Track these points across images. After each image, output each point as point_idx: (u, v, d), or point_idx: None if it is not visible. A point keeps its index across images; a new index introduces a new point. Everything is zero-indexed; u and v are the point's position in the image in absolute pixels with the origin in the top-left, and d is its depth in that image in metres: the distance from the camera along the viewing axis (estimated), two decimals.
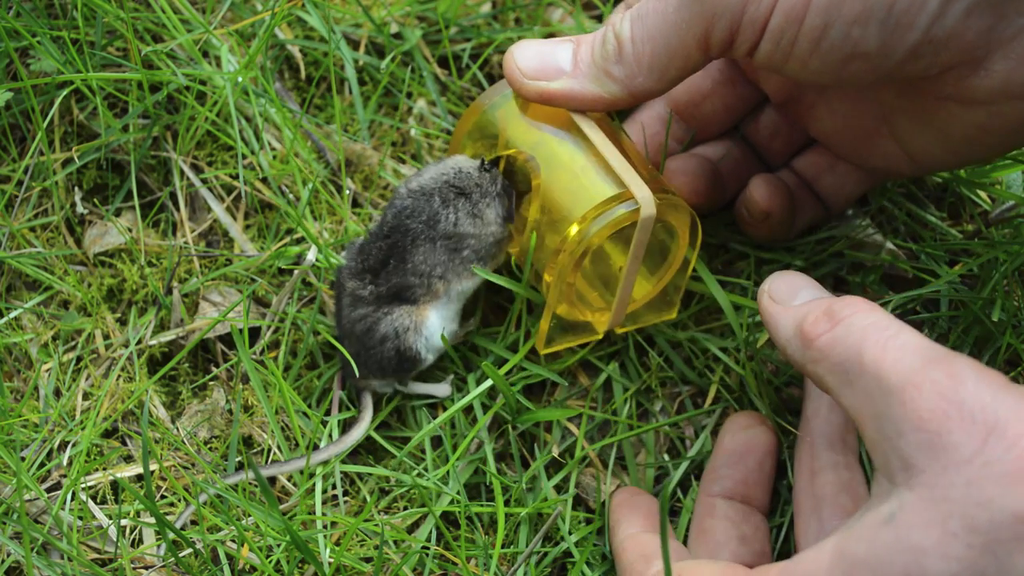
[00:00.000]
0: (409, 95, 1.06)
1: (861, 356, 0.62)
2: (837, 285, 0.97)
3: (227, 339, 0.98)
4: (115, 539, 0.86)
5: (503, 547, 0.87)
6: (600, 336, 0.88)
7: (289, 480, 0.92)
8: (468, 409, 0.94)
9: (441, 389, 0.94)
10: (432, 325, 0.91)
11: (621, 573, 0.79)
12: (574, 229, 0.80)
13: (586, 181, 0.82)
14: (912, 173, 0.86)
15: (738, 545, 0.81)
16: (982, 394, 0.57)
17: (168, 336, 0.97)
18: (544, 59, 0.80)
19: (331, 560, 0.85)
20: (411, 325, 0.90)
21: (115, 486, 0.91)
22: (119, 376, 0.96)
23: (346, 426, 0.95)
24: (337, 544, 0.88)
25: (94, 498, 0.91)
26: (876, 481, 0.62)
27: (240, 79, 0.97)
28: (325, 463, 0.90)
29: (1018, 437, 0.55)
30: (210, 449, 0.94)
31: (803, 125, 0.90)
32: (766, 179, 0.90)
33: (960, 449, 0.56)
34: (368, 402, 0.92)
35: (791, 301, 0.72)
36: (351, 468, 0.91)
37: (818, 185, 0.93)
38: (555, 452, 0.90)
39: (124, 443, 0.94)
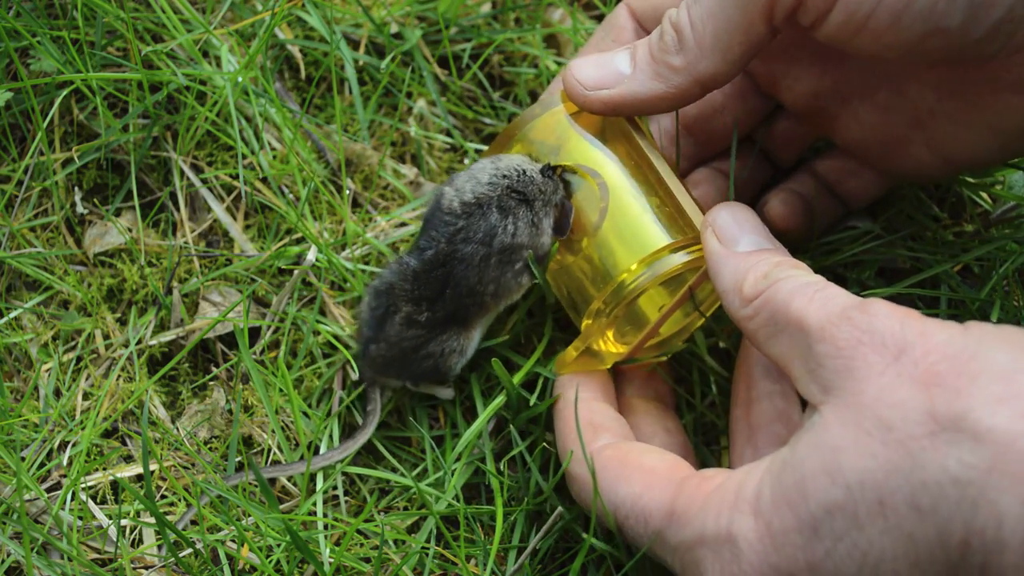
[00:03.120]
0: (409, 95, 1.06)
1: (788, 308, 0.66)
2: (837, 281, 0.96)
3: (227, 339, 0.98)
4: (115, 539, 0.86)
5: (503, 545, 0.87)
6: (607, 367, 0.87)
7: (289, 480, 0.92)
8: (469, 409, 0.94)
9: (445, 392, 0.94)
10: (475, 343, 0.91)
11: (561, 440, 0.81)
12: (632, 272, 0.79)
13: (646, 221, 0.81)
14: (944, 175, 0.86)
15: (665, 436, 0.83)
16: (892, 324, 0.61)
17: (168, 336, 0.97)
18: (603, 68, 0.79)
19: (331, 560, 0.85)
20: (458, 347, 0.89)
21: (115, 486, 0.91)
22: (119, 376, 0.96)
23: (347, 428, 0.95)
24: (337, 544, 0.88)
25: (94, 498, 0.91)
26: (806, 414, 0.65)
27: (240, 79, 0.97)
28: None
29: (926, 353, 0.59)
30: (210, 449, 0.94)
31: (826, 135, 0.89)
32: (783, 198, 0.89)
33: (873, 366, 0.60)
34: (377, 399, 0.92)
35: (735, 244, 0.73)
36: (352, 469, 0.91)
37: (840, 188, 0.92)
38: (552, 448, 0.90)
39: (124, 443, 0.94)
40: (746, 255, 0.72)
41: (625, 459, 0.74)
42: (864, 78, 0.82)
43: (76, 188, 1.01)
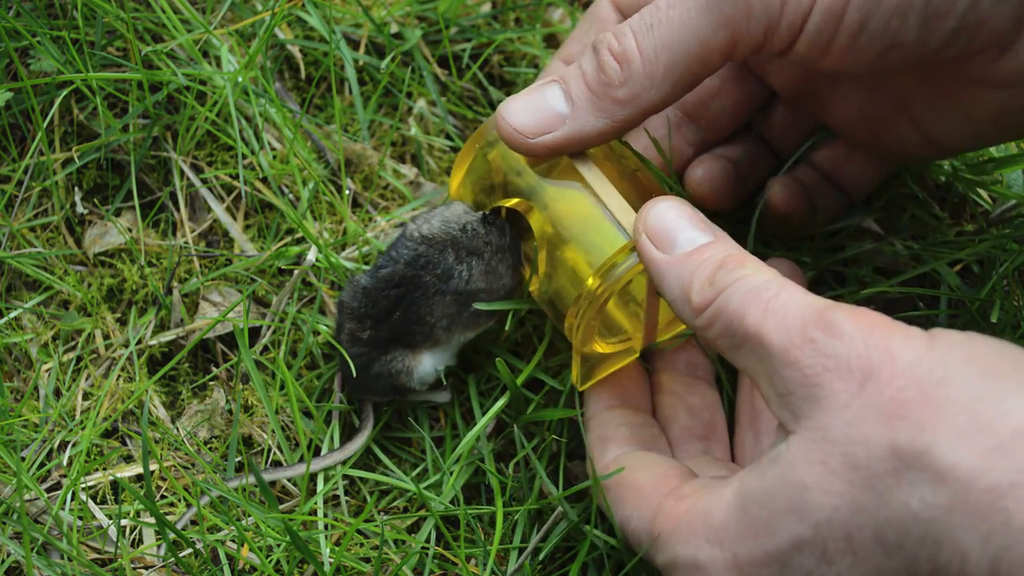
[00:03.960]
0: (409, 95, 1.06)
1: (744, 321, 0.64)
2: (836, 279, 0.97)
3: (227, 339, 0.98)
4: (115, 539, 0.86)
5: (503, 545, 0.87)
6: (637, 355, 0.85)
7: (289, 480, 0.92)
8: (469, 410, 0.94)
9: (441, 395, 0.94)
10: (425, 367, 0.90)
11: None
12: (590, 283, 0.77)
13: (597, 231, 0.78)
14: (933, 157, 0.86)
15: (686, 419, 0.83)
16: (856, 344, 0.59)
17: (168, 336, 0.97)
18: (537, 111, 0.75)
19: (331, 560, 0.85)
20: (403, 368, 0.90)
21: (115, 486, 0.91)
22: (119, 376, 0.96)
23: (347, 428, 0.95)
24: (337, 544, 0.88)
25: (94, 498, 0.91)
26: (777, 433, 0.64)
27: (240, 79, 0.97)
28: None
29: (892, 378, 0.58)
30: (210, 449, 0.94)
31: (817, 117, 0.89)
32: (783, 183, 0.89)
33: (839, 396, 0.59)
34: (369, 412, 0.92)
35: (672, 246, 0.70)
36: (351, 471, 0.91)
37: (838, 176, 0.92)
38: (553, 447, 0.90)
39: (124, 443, 0.94)
40: (686, 257, 0.69)
41: (621, 477, 0.75)
42: None
43: (76, 188, 1.01)
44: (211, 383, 0.96)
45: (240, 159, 0.98)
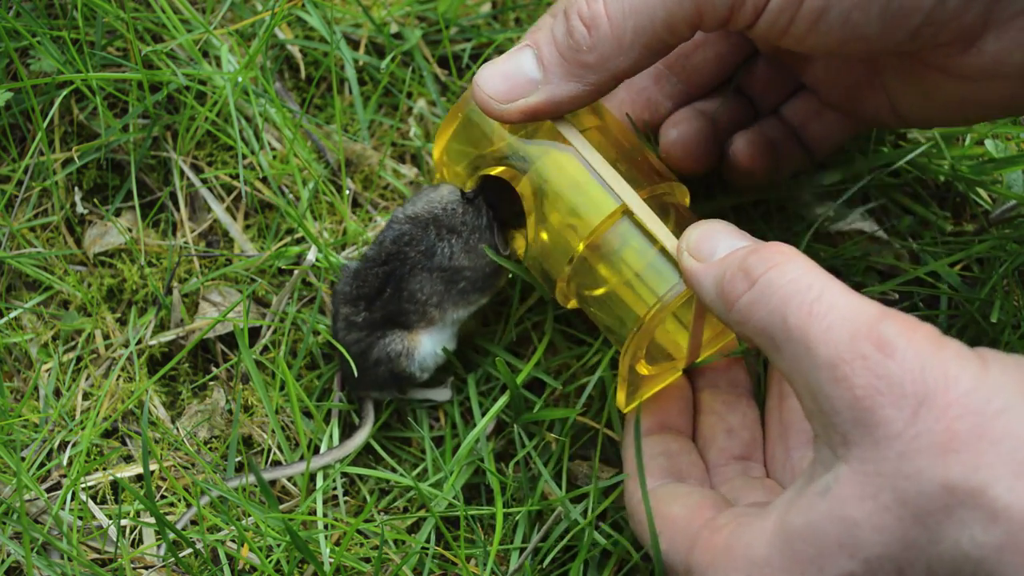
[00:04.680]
0: (409, 95, 1.06)
1: (786, 322, 0.60)
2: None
3: (227, 339, 0.98)
4: (115, 539, 0.86)
5: (503, 545, 0.87)
6: (679, 373, 0.84)
7: (289, 480, 0.92)
8: (469, 409, 0.94)
9: (441, 393, 0.94)
10: (425, 349, 0.91)
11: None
12: (642, 312, 0.76)
13: (583, 194, 0.78)
14: (896, 126, 0.85)
15: (724, 440, 0.82)
16: (911, 365, 0.57)
17: (168, 336, 0.97)
18: (510, 77, 0.76)
19: (331, 560, 0.85)
20: (403, 351, 0.90)
21: (115, 486, 0.91)
22: (119, 376, 0.96)
23: (347, 428, 0.95)
24: (337, 544, 0.88)
25: (94, 498, 0.91)
26: (816, 447, 0.62)
27: (240, 79, 0.97)
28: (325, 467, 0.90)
29: (947, 407, 0.55)
30: (210, 449, 0.94)
31: (795, 72, 0.88)
32: (748, 139, 0.87)
33: (892, 424, 0.56)
34: (369, 409, 0.92)
35: (712, 255, 0.69)
36: (351, 470, 0.91)
37: (804, 132, 0.90)
38: (554, 447, 0.90)
39: (124, 443, 0.94)
40: (723, 259, 0.67)
41: (656, 511, 0.74)
42: None
43: (76, 188, 1.01)
44: (211, 383, 0.96)
45: (240, 159, 0.98)
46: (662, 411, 0.84)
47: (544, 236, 0.82)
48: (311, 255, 0.96)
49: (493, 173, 0.84)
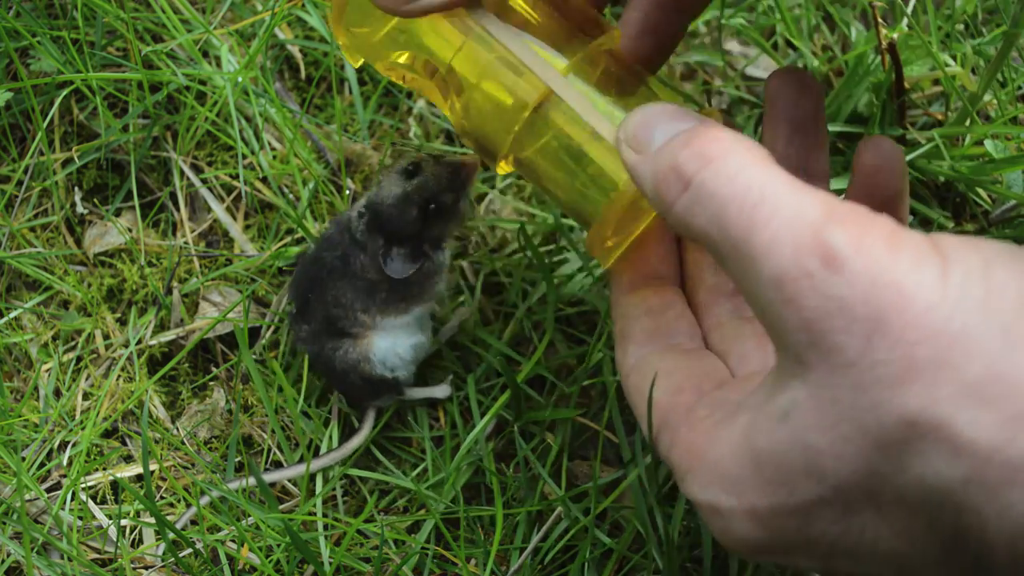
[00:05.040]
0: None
1: (726, 231, 0.54)
2: None
3: (227, 339, 0.98)
4: (115, 539, 0.86)
5: (503, 545, 0.87)
6: (654, 214, 0.74)
7: (289, 480, 0.92)
8: (468, 409, 0.94)
9: (441, 391, 0.94)
10: (381, 349, 0.89)
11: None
12: (620, 188, 0.69)
13: (504, 79, 0.70)
14: None
15: (713, 275, 0.76)
16: (861, 281, 0.51)
17: (168, 336, 0.97)
18: None
19: (331, 560, 0.85)
20: (359, 357, 0.88)
21: (115, 486, 0.91)
22: (119, 376, 0.96)
23: (347, 428, 0.95)
24: (337, 544, 0.88)
25: (94, 498, 0.91)
26: (777, 353, 0.58)
27: (240, 79, 0.97)
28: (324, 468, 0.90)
29: (903, 330, 0.51)
30: (210, 449, 0.94)
31: None
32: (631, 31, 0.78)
33: (845, 351, 0.52)
34: (370, 414, 0.92)
35: (649, 146, 0.61)
36: (351, 471, 0.91)
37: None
38: (554, 447, 0.90)
39: (124, 443, 0.94)
40: (659, 150, 0.59)
41: (640, 390, 0.69)
42: None
43: (76, 188, 1.01)
44: (211, 383, 0.96)
45: (240, 159, 0.98)
46: (641, 260, 0.77)
47: (470, 109, 0.74)
48: None
49: (401, 60, 0.77)
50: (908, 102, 1.01)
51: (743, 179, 0.54)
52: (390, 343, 0.89)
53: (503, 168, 0.75)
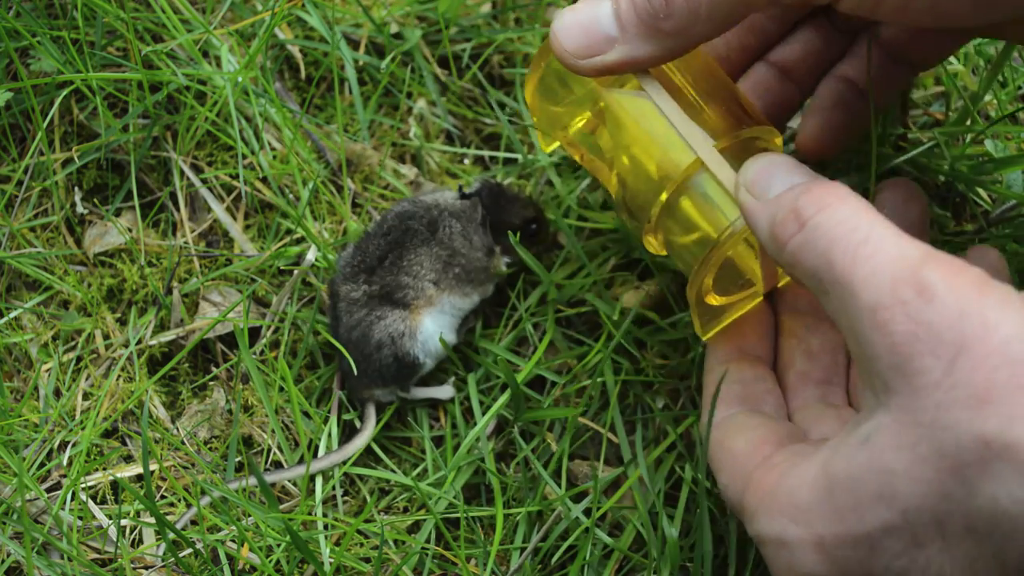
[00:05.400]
0: (409, 95, 1.06)
1: (832, 266, 0.59)
2: None
3: (227, 339, 0.98)
4: (115, 539, 0.86)
5: (503, 545, 0.87)
6: (760, 298, 0.81)
7: (289, 480, 0.92)
8: (469, 409, 0.94)
9: (444, 391, 0.94)
10: (427, 330, 0.92)
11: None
12: (715, 234, 0.74)
13: (669, 146, 0.75)
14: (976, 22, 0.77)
15: (804, 362, 0.80)
16: (950, 311, 0.55)
17: (168, 336, 0.97)
18: (589, 32, 0.73)
19: (331, 560, 0.85)
20: (405, 330, 0.91)
21: (115, 486, 0.91)
22: (119, 376, 0.96)
23: (347, 429, 0.95)
24: (337, 544, 0.88)
25: (94, 498, 0.91)
26: (861, 393, 0.62)
27: (240, 79, 0.97)
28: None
29: (985, 356, 0.54)
30: (210, 449, 0.94)
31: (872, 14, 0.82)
32: (813, 122, 0.85)
33: (929, 373, 0.55)
34: (371, 412, 0.92)
35: (767, 193, 0.66)
36: (351, 470, 0.91)
37: (907, 50, 0.85)
38: (554, 447, 0.90)
39: (124, 443, 0.94)
40: (776, 198, 0.65)
41: (721, 443, 0.73)
42: None
43: (76, 188, 1.01)
44: (211, 383, 0.96)
45: (240, 159, 0.98)
46: (740, 337, 0.82)
47: (626, 182, 0.80)
48: (311, 255, 0.96)
49: (579, 122, 0.83)
50: (909, 102, 1.01)
51: (853, 222, 0.60)
52: (436, 328, 0.92)
53: (651, 244, 0.81)
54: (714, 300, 0.79)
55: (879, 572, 0.58)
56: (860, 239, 0.59)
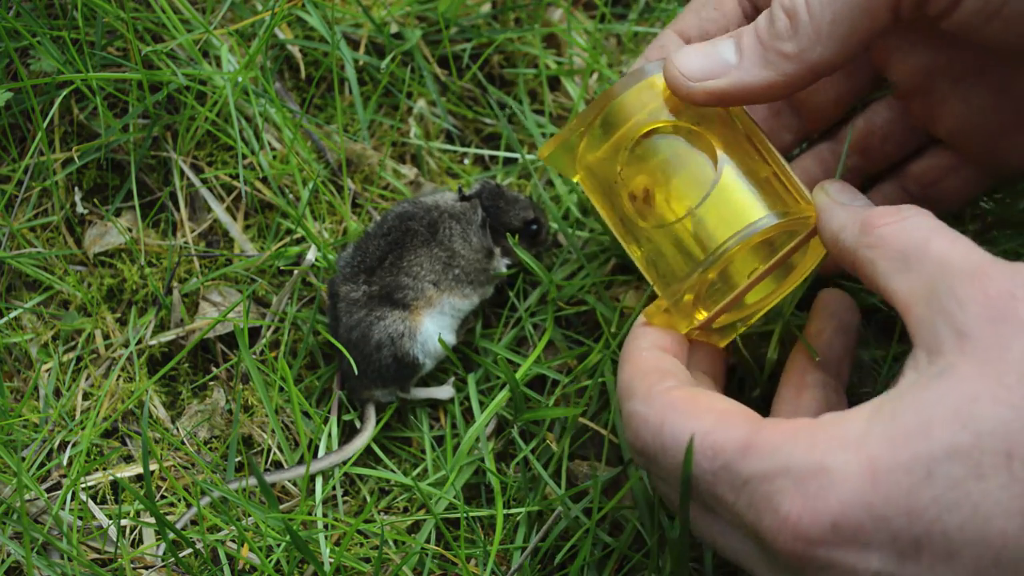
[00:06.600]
0: (409, 95, 1.06)
1: (928, 244, 0.64)
2: (836, 283, 0.97)
3: (227, 339, 0.98)
4: (115, 539, 0.86)
5: (503, 545, 0.87)
6: (683, 331, 0.80)
7: (289, 480, 0.92)
8: (469, 409, 0.94)
9: (443, 392, 0.94)
10: (427, 331, 0.92)
11: (624, 381, 0.73)
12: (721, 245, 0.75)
13: (748, 197, 0.76)
14: None
15: (824, 392, 0.79)
16: None
17: (168, 336, 0.97)
18: (708, 58, 0.75)
19: (331, 560, 0.85)
20: (405, 331, 0.91)
21: (115, 486, 0.91)
22: (119, 376, 0.96)
23: (347, 429, 0.95)
24: (337, 544, 0.88)
25: (94, 498, 0.91)
26: (913, 359, 0.62)
27: (240, 79, 0.97)
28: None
29: None
30: (210, 449, 0.94)
31: (927, 122, 0.85)
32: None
33: (1022, 323, 0.58)
34: (371, 413, 0.92)
35: (850, 202, 0.72)
36: (351, 470, 0.91)
37: (936, 189, 0.88)
38: (554, 447, 0.90)
39: (124, 443, 0.94)
40: (865, 205, 0.71)
41: (695, 400, 0.69)
42: (980, 57, 0.79)
43: (76, 188, 1.01)
44: (211, 383, 0.96)
45: (240, 159, 0.98)
46: (673, 349, 0.80)
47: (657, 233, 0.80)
48: (311, 255, 0.96)
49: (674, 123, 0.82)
50: None
51: (948, 227, 0.65)
52: (435, 329, 0.92)
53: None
54: (700, 314, 0.79)
55: (924, 503, 0.57)
56: (956, 235, 0.64)
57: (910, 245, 0.64)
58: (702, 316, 0.79)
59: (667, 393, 0.70)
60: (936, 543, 0.56)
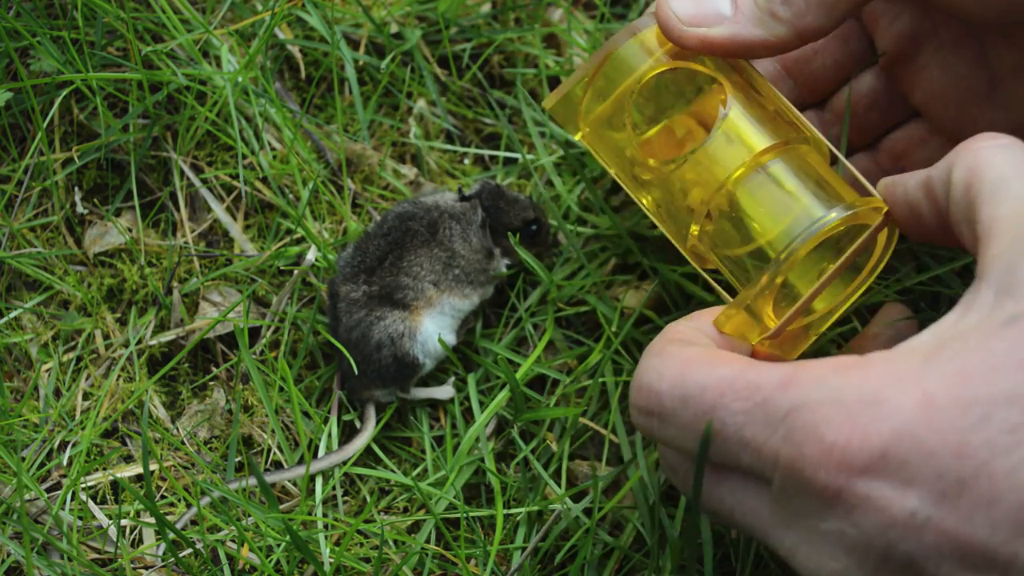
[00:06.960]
0: (409, 95, 1.06)
1: (1007, 177, 0.61)
2: None
3: (227, 339, 0.98)
4: (115, 539, 0.86)
5: (503, 545, 0.87)
6: (753, 341, 0.77)
7: (289, 480, 0.92)
8: (469, 409, 0.94)
9: (444, 391, 0.94)
10: (427, 331, 0.92)
11: (646, 354, 0.70)
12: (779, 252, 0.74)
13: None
14: None
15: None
16: None
17: (168, 336, 0.97)
18: (701, 5, 0.76)
19: (331, 560, 0.85)
20: (405, 331, 0.91)
21: (115, 486, 0.91)
22: (119, 376, 0.96)
23: (347, 429, 0.95)
24: (337, 544, 0.88)
25: (94, 498, 0.91)
26: (975, 295, 0.60)
27: (240, 79, 0.97)
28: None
29: None
30: (210, 449, 0.94)
31: (907, 89, 0.86)
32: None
33: None
34: (371, 413, 0.92)
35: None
36: (351, 470, 0.91)
37: (905, 162, 0.88)
38: (554, 447, 0.90)
39: (124, 443, 0.94)
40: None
41: (718, 353, 0.67)
42: (962, 27, 0.81)
43: (76, 188, 1.01)
44: (211, 383, 0.96)
45: (240, 159, 0.98)
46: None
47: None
48: (311, 255, 0.96)
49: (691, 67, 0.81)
50: None
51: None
52: (435, 329, 0.92)
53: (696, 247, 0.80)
54: (771, 321, 0.76)
55: (976, 444, 0.54)
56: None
57: (1010, 171, 0.62)
58: (773, 323, 0.76)
59: (687, 349, 0.68)
60: (980, 487, 0.54)
